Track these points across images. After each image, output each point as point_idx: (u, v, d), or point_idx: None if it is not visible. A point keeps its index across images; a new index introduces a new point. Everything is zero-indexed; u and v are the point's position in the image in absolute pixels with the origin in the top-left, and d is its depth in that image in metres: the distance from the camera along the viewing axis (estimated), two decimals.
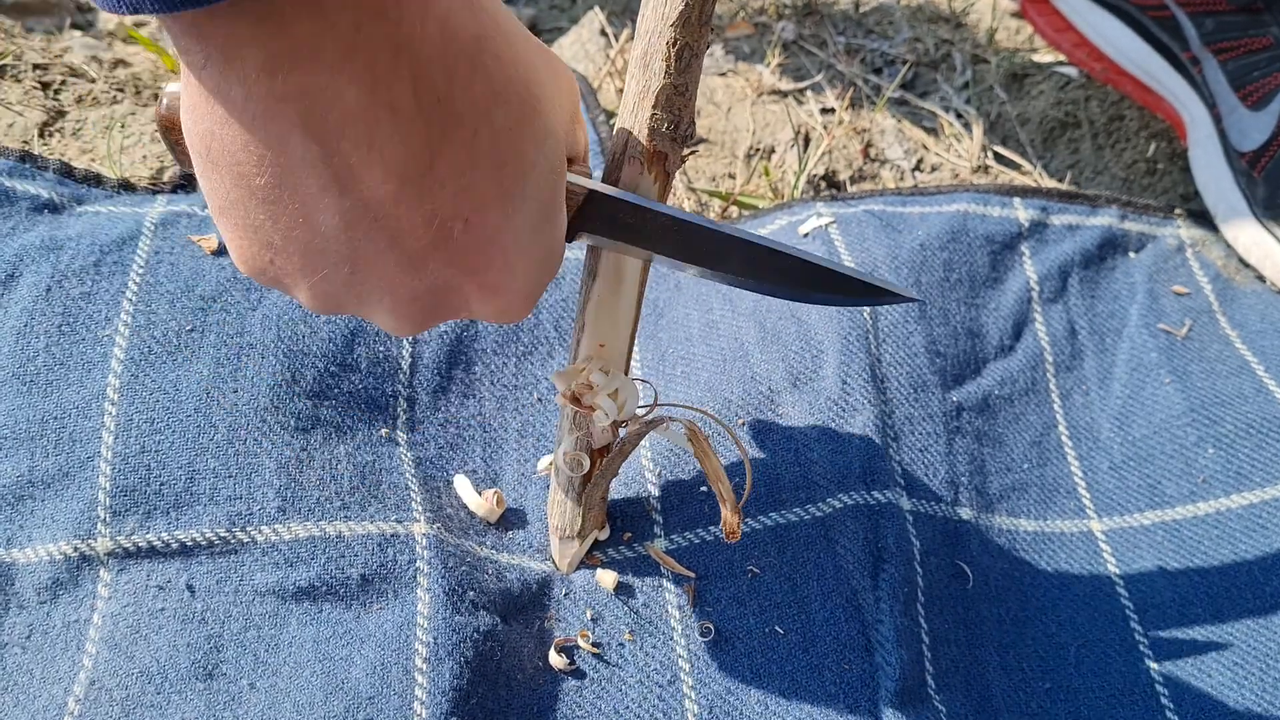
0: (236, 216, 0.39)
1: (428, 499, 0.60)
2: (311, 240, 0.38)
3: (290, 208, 0.37)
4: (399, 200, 0.37)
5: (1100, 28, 0.95)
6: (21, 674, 0.52)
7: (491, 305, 0.42)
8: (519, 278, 0.41)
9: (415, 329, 0.43)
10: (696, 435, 0.53)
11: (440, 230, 0.38)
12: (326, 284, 0.40)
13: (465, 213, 0.38)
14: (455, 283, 0.41)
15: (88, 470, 0.57)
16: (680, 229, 0.47)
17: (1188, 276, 0.82)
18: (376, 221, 0.37)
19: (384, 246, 0.38)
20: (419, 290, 0.40)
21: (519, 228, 0.40)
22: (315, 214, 0.37)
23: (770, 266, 0.48)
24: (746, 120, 0.92)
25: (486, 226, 0.39)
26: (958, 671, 0.60)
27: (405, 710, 0.51)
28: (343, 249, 0.38)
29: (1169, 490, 0.70)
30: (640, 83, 0.47)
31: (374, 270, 0.39)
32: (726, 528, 0.51)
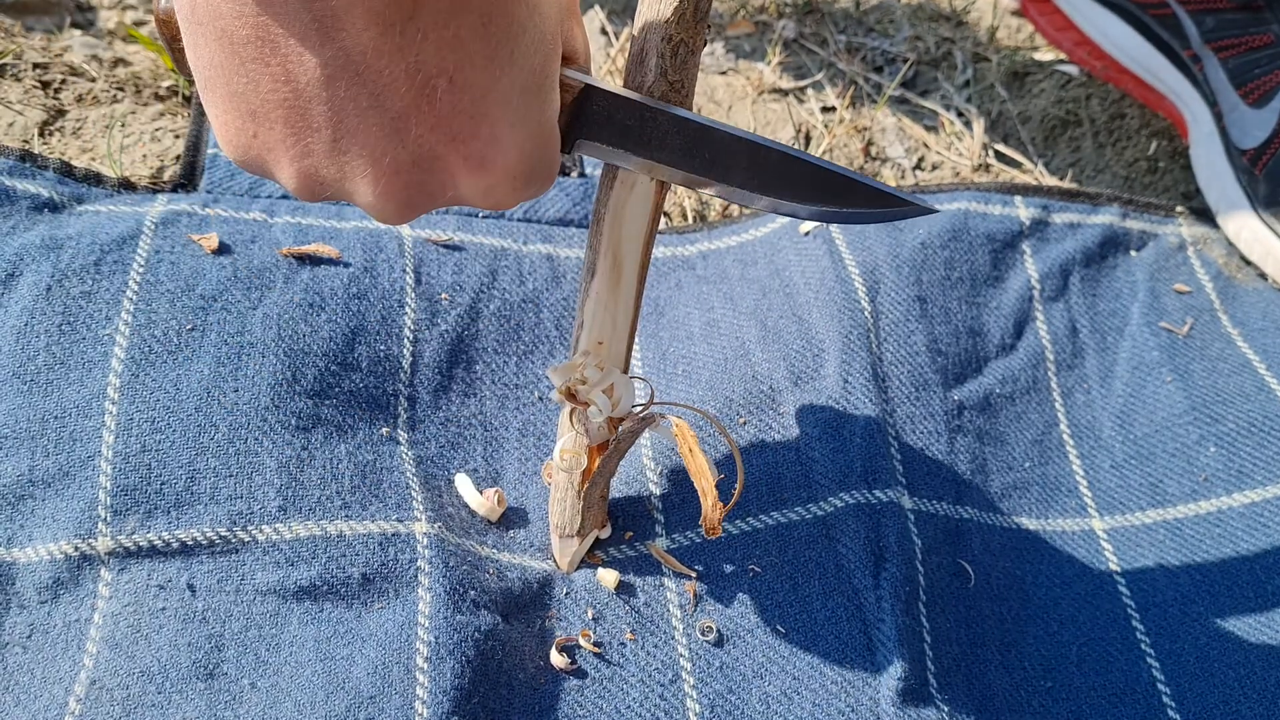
0: (220, 86, 0.38)
1: (429, 498, 0.60)
2: (293, 102, 0.37)
3: (272, 65, 0.36)
4: (380, 50, 0.36)
5: (1101, 26, 0.94)
6: (22, 673, 0.52)
7: (478, 180, 0.40)
8: (506, 151, 0.40)
9: (400, 211, 0.41)
10: (682, 431, 0.53)
11: (423, 87, 0.37)
12: (309, 156, 0.39)
13: (449, 69, 0.37)
14: (440, 151, 0.39)
15: (88, 469, 0.57)
16: (684, 129, 0.45)
17: (1189, 275, 0.82)
18: (358, 75, 0.36)
19: (366, 105, 0.37)
20: (402, 160, 0.39)
21: (506, 94, 0.38)
22: (296, 69, 0.36)
23: (781, 172, 0.46)
24: (747, 118, 0.92)
25: (471, 88, 0.38)
26: (959, 670, 0.60)
27: (406, 710, 0.51)
28: (324, 110, 0.37)
29: (1170, 489, 0.70)
30: (636, 80, 0.46)
31: (356, 135, 0.38)
32: (706, 524, 0.51)
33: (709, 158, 0.46)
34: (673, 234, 0.78)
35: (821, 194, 0.47)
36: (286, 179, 0.40)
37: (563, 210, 0.76)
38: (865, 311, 0.70)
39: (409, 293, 0.68)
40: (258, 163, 0.40)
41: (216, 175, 0.72)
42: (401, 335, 0.66)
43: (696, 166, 0.46)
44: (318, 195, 0.41)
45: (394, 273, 0.68)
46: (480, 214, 0.74)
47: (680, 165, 0.46)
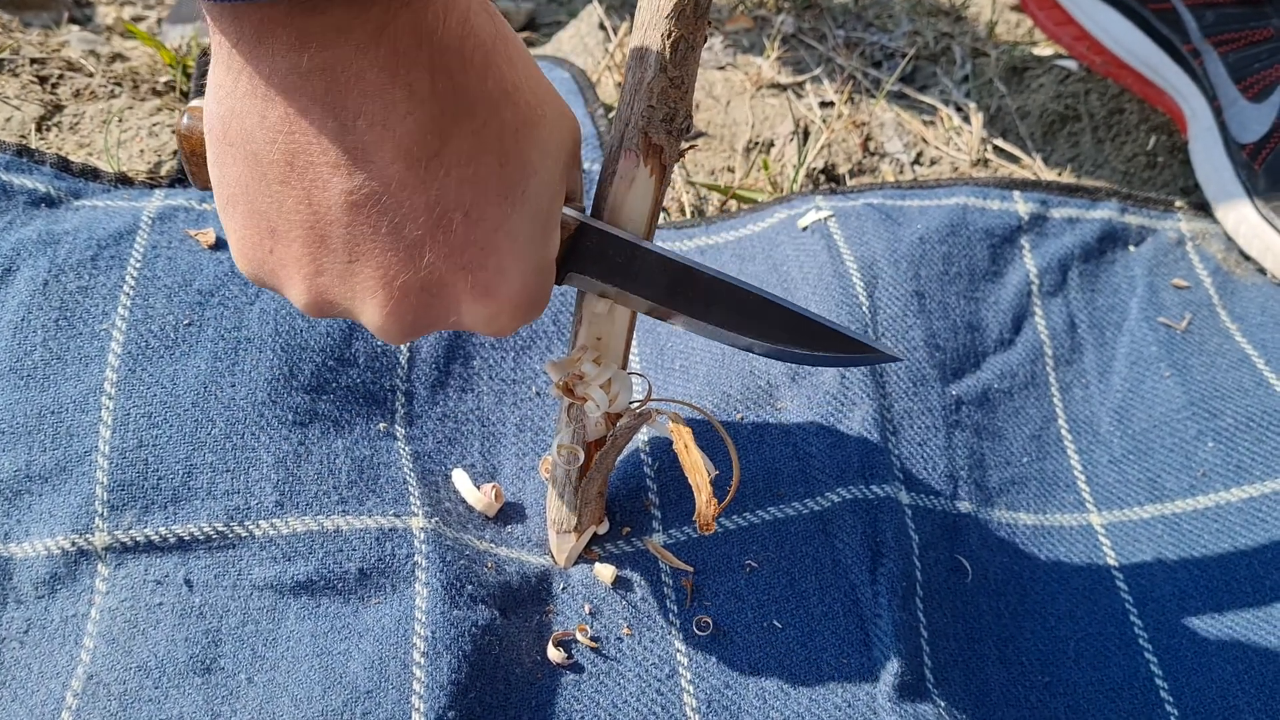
0: (242, 203, 0.40)
1: (426, 493, 0.60)
2: (314, 223, 0.39)
3: (297, 188, 0.38)
4: (405, 183, 0.38)
5: (1100, 20, 0.94)
6: (19, 669, 0.52)
7: (482, 309, 0.43)
8: (511, 282, 0.42)
9: (405, 331, 0.43)
10: (678, 428, 0.53)
11: (440, 219, 0.39)
12: (322, 274, 0.41)
13: (466, 203, 0.39)
14: (449, 279, 0.41)
15: (85, 464, 0.57)
16: (668, 268, 0.48)
17: (1188, 270, 0.81)
18: (380, 204, 0.38)
19: (385, 232, 0.39)
20: (413, 284, 0.41)
21: (515, 229, 0.41)
22: (321, 194, 0.38)
23: (758, 314, 0.49)
24: (745, 114, 0.92)
25: (485, 221, 0.40)
26: (956, 665, 0.60)
27: (403, 704, 0.51)
28: (343, 234, 0.39)
29: (1169, 484, 0.70)
30: (636, 76, 0.46)
31: (372, 259, 0.40)
32: (700, 520, 0.52)
33: (691, 295, 0.49)
34: (671, 229, 0.78)
35: (794, 337, 0.49)
36: (296, 295, 0.42)
37: None
38: (863, 307, 0.70)
39: None
40: (271, 277, 0.42)
41: None
42: None
43: (679, 303, 0.49)
44: (325, 312, 0.43)
45: None
46: None
47: (664, 301, 0.49)
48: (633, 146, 0.48)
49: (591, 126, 0.82)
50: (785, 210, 0.78)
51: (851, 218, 0.76)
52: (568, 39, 0.99)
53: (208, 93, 0.39)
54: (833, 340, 0.49)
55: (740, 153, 0.89)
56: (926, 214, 0.77)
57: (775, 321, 0.49)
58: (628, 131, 0.48)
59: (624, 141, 0.48)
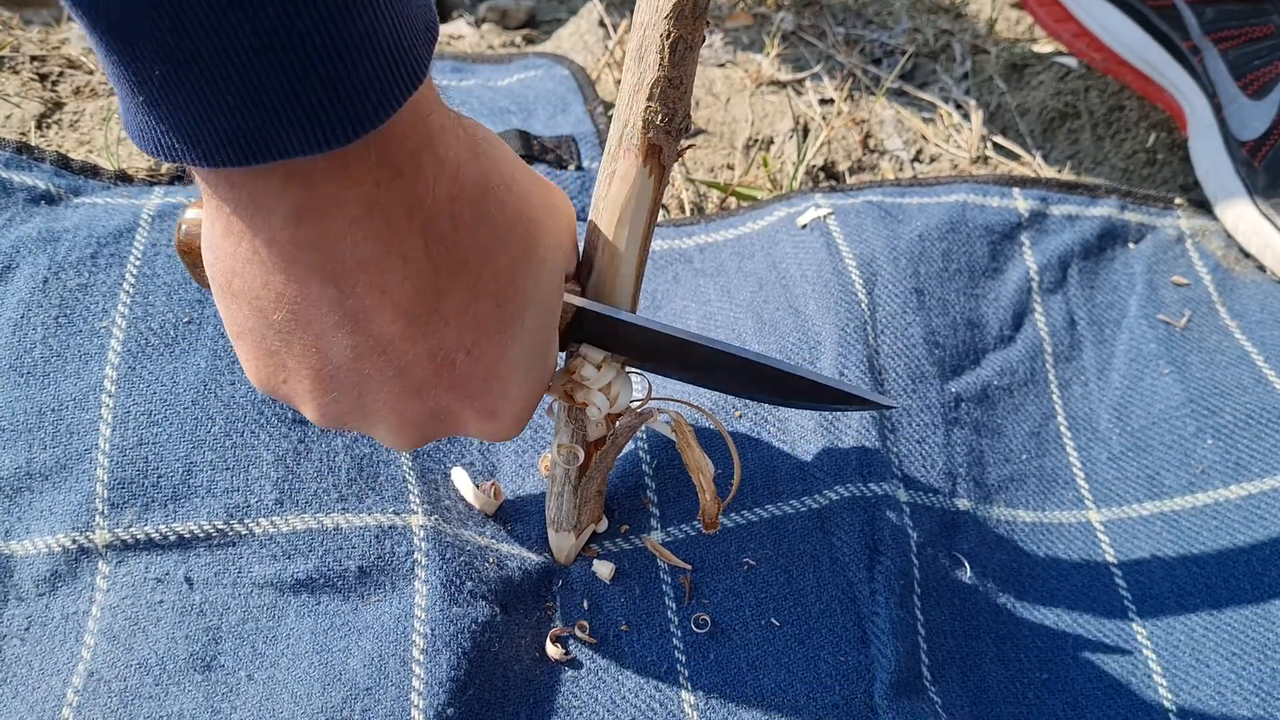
0: (252, 341, 0.41)
1: (425, 491, 0.60)
2: (323, 368, 0.40)
3: (304, 339, 0.39)
4: (406, 337, 0.39)
5: (1100, 17, 0.94)
6: (20, 666, 0.53)
7: (487, 426, 0.45)
8: (514, 402, 0.45)
9: (414, 445, 0.46)
10: (680, 426, 0.53)
11: (444, 361, 0.41)
12: (335, 405, 0.42)
13: (467, 345, 0.41)
14: (455, 408, 0.44)
15: (85, 462, 0.57)
16: (666, 343, 0.50)
17: (1187, 267, 0.81)
18: (384, 355, 0.40)
19: (391, 375, 0.41)
20: (421, 414, 0.43)
21: (516, 357, 0.43)
22: (328, 346, 0.39)
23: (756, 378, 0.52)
24: (745, 111, 0.92)
25: (486, 356, 0.42)
26: (954, 663, 0.60)
27: (402, 701, 0.51)
28: (352, 377, 0.41)
29: (1167, 481, 0.70)
30: (635, 75, 0.46)
31: (380, 396, 0.42)
32: (705, 518, 0.52)
33: (694, 365, 0.51)
34: (670, 226, 0.78)
35: (794, 395, 0.53)
36: (310, 416, 0.44)
37: None
38: (862, 304, 0.70)
39: None
40: (284, 399, 0.44)
41: None
42: None
43: (677, 372, 0.53)
44: (338, 429, 0.46)
45: None
46: None
47: (665, 371, 0.52)
48: (632, 146, 0.47)
49: (591, 125, 0.82)
50: (785, 208, 0.78)
51: (851, 215, 0.76)
52: (568, 36, 0.99)
53: (205, 246, 0.39)
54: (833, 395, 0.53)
55: (740, 150, 0.89)
56: (926, 211, 0.77)
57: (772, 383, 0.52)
58: (626, 131, 0.48)
59: (623, 141, 0.48)
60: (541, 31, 1.05)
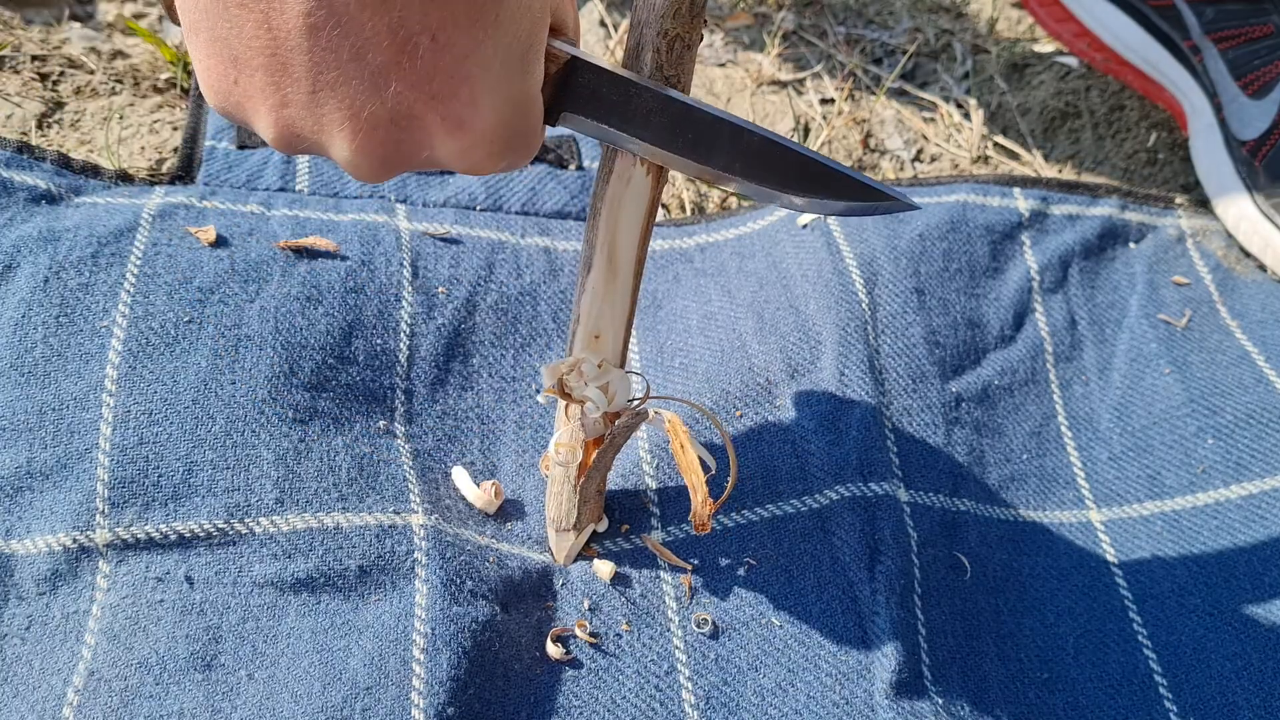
0: (204, 31, 0.39)
1: (426, 490, 0.60)
2: (275, 50, 0.38)
3: (255, 11, 0.37)
4: (364, 3, 0.36)
5: (1101, 17, 0.94)
6: (20, 665, 0.52)
7: (455, 142, 0.41)
8: (484, 115, 0.40)
9: (376, 166, 0.41)
10: (674, 427, 0.53)
11: (405, 43, 0.37)
12: (287, 106, 0.39)
13: (432, 27, 0.37)
14: (418, 110, 0.39)
15: (86, 462, 0.57)
16: (668, 107, 0.45)
17: (1188, 267, 0.81)
18: (340, 27, 0.36)
19: (346, 58, 0.37)
20: (380, 116, 0.39)
21: (488, 58, 0.39)
22: (279, 17, 0.37)
23: (763, 157, 0.46)
24: (746, 110, 0.92)
25: (453, 47, 0.38)
26: (954, 662, 0.60)
27: (403, 701, 0.51)
28: (305, 60, 0.38)
29: (1168, 480, 0.70)
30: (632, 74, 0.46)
31: (336, 88, 0.38)
32: (696, 520, 0.51)
33: (692, 138, 0.46)
34: (670, 226, 0.78)
35: (802, 181, 0.46)
36: (264, 128, 0.41)
37: (560, 203, 0.76)
38: (863, 304, 0.70)
39: (406, 286, 0.68)
40: (238, 110, 0.41)
41: (214, 168, 0.72)
42: (398, 329, 0.66)
43: (679, 146, 0.46)
44: (295, 147, 0.42)
45: (391, 266, 0.68)
46: (477, 207, 0.74)
47: (663, 144, 0.46)
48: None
49: None
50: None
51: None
52: None
53: None
54: (844, 183, 0.47)
55: None
56: (926, 211, 0.77)
57: (782, 163, 0.46)
58: None
59: None
60: None
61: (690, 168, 0.47)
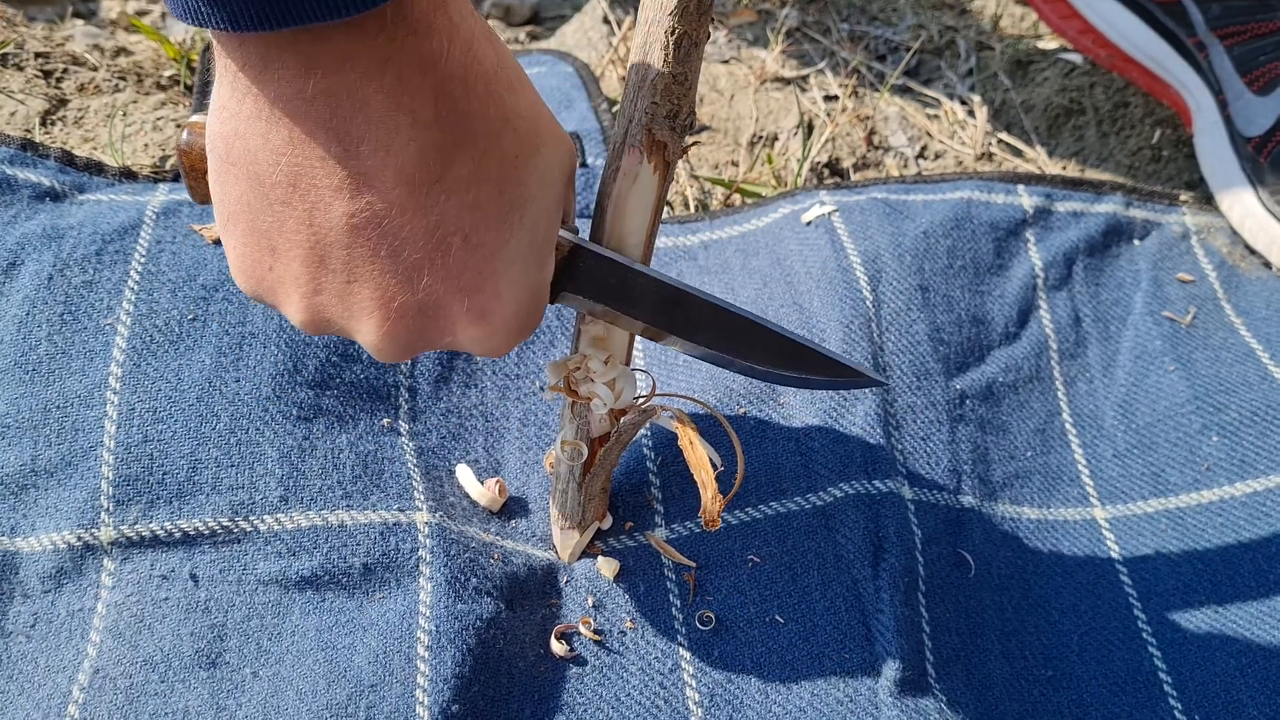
0: (244, 221, 0.40)
1: (430, 488, 0.60)
2: (315, 244, 0.39)
3: (299, 209, 0.39)
4: (405, 207, 0.38)
5: (1105, 14, 0.94)
6: (26, 662, 0.53)
7: (476, 330, 0.43)
8: (506, 306, 0.43)
9: (400, 350, 0.44)
10: (683, 423, 0.53)
11: (440, 243, 0.40)
12: (320, 294, 0.41)
13: (465, 228, 0.40)
14: (445, 301, 0.42)
15: (90, 459, 0.57)
16: (660, 290, 0.49)
17: (1192, 264, 0.81)
18: (380, 227, 0.39)
19: (384, 255, 0.40)
20: (409, 306, 0.41)
21: (512, 255, 0.42)
22: (322, 216, 0.39)
23: (745, 337, 0.50)
24: (749, 107, 0.92)
25: (483, 246, 0.41)
26: (958, 660, 0.60)
27: (407, 698, 0.51)
28: (343, 255, 0.40)
29: (1173, 478, 0.70)
30: (640, 72, 0.46)
31: (370, 280, 0.40)
32: (705, 516, 0.51)
33: (681, 317, 0.49)
34: (675, 223, 0.78)
35: (781, 359, 0.51)
36: (294, 313, 0.43)
37: None
38: (867, 301, 0.70)
39: None
40: (269, 294, 0.43)
41: None
42: None
43: (667, 324, 0.50)
44: (322, 330, 0.44)
45: None
46: None
47: (654, 321, 0.49)
48: (636, 143, 0.47)
49: (595, 121, 0.82)
50: (789, 205, 0.78)
51: (855, 212, 0.76)
52: (571, 33, 0.99)
53: (211, 111, 0.39)
54: (820, 364, 0.51)
55: (744, 147, 0.89)
56: (931, 208, 0.77)
57: (763, 345, 0.50)
58: (631, 128, 0.48)
59: (628, 138, 0.48)
60: (545, 28, 1.05)
61: (676, 342, 0.50)
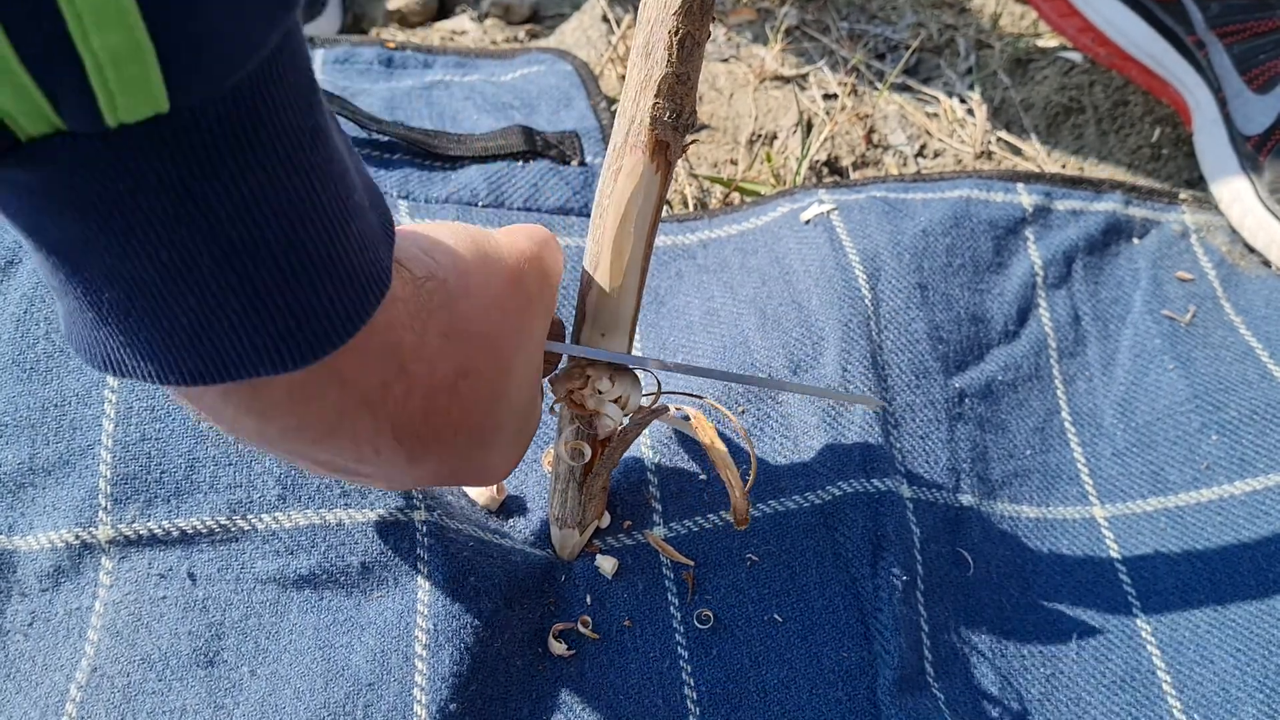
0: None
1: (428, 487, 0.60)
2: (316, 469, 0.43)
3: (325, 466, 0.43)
4: (392, 480, 0.45)
5: (1105, 12, 0.94)
6: (24, 661, 0.53)
7: (474, 486, 0.52)
8: (499, 469, 0.48)
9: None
10: (701, 423, 0.53)
11: (432, 478, 0.45)
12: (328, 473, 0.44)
13: (452, 465, 0.44)
14: (444, 484, 0.50)
15: (88, 458, 0.57)
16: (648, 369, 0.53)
17: (1192, 262, 0.81)
18: (380, 481, 0.46)
19: (383, 482, 0.46)
20: (409, 483, 0.47)
21: (502, 443, 0.46)
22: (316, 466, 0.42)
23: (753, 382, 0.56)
24: (749, 106, 0.92)
25: (473, 460, 0.45)
26: (957, 659, 0.60)
27: (405, 697, 0.51)
28: (347, 478, 0.47)
29: (1172, 477, 0.70)
30: (642, 71, 0.46)
31: (375, 483, 0.47)
32: (736, 515, 0.51)
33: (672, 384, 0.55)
34: (673, 222, 0.78)
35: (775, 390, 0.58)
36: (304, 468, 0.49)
37: (563, 199, 0.76)
38: (865, 299, 0.70)
39: None
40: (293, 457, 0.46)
41: None
42: None
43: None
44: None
45: None
46: (480, 203, 0.74)
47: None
48: (638, 142, 0.47)
49: (594, 120, 0.82)
50: (788, 204, 0.78)
51: (854, 211, 0.76)
52: (570, 31, 0.98)
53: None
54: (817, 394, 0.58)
55: (743, 145, 0.89)
56: (930, 206, 0.77)
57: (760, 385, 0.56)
58: (633, 128, 0.47)
59: (629, 138, 0.48)
60: (545, 26, 1.05)
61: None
